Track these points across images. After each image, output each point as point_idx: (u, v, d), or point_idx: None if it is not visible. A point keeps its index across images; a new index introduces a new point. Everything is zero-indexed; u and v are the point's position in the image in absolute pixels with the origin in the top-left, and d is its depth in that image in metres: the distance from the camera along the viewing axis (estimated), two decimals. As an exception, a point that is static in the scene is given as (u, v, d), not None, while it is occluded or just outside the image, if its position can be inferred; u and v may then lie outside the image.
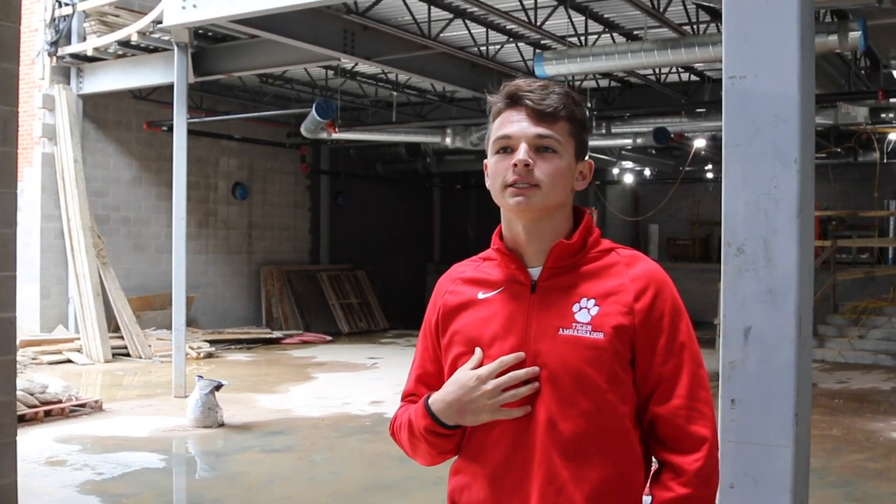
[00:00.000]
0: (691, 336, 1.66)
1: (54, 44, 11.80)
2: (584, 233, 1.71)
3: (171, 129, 10.49)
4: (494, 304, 1.71)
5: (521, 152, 1.63)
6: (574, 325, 1.63)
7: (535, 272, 1.70)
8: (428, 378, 1.81)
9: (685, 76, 12.86)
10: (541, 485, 1.61)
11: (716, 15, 9.34)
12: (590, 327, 1.62)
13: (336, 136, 13.89)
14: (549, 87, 1.68)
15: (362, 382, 10.56)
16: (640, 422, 1.66)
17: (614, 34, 10.63)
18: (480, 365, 1.65)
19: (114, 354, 11.66)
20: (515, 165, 1.63)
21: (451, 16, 9.96)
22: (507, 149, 1.67)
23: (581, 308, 1.64)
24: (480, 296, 1.74)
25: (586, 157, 1.74)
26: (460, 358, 1.71)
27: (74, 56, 11.89)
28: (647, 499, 1.65)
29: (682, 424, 1.60)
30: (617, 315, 1.62)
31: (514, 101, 1.68)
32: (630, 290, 1.64)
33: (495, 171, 1.68)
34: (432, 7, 9.80)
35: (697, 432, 1.60)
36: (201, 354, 12.04)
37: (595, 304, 1.64)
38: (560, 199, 1.68)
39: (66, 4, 11.66)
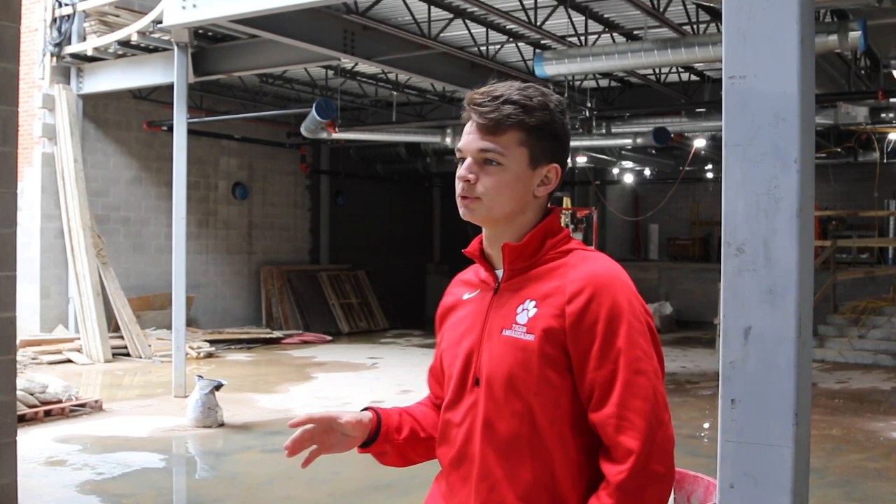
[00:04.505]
0: (633, 342, 1.57)
1: (58, 45, 11.79)
2: (539, 234, 1.70)
3: (171, 129, 10.49)
4: (470, 305, 1.78)
5: (463, 167, 1.69)
6: (514, 326, 1.64)
7: (501, 274, 1.75)
8: (436, 372, 1.91)
9: (685, 76, 12.86)
10: (476, 481, 1.66)
11: (716, 15, 9.34)
12: (525, 329, 1.62)
13: (336, 135, 13.89)
14: (501, 96, 1.66)
15: (362, 382, 10.56)
16: (586, 428, 1.61)
17: (614, 34, 10.63)
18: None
19: (114, 354, 11.66)
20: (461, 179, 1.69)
21: (451, 16, 9.96)
22: (462, 160, 1.71)
23: (523, 310, 1.64)
24: (465, 297, 1.81)
25: (555, 161, 1.70)
26: (444, 353, 1.81)
27: (74, 56, 11.89)
28: None
29: (611, 434, 1.55)
30: (548, 317, 1.60)
31: (468, 111, 1.71)
32: (566, 292, 1.60)
33: (456, 181, 1.74)
34: (432, 7, 9.80)
35: (623, 443, 1.53)
36: (201, 354, 12.04)
37: (535, 306, 1.63)
38: (509, 208, 1.68)
39: (66, 4, 11.66)
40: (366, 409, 1.87)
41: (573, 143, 12.33)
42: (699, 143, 15.86)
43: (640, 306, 1.62)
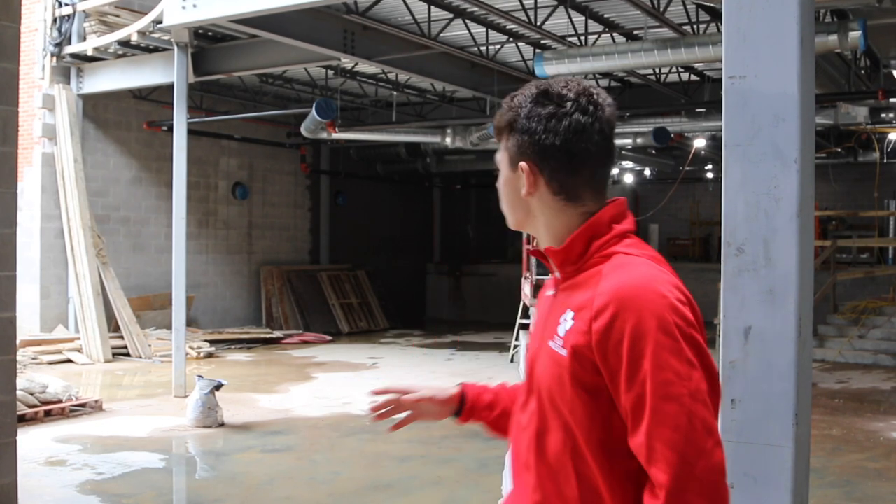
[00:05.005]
0: (661, 364, 1.41)
1: (58, 45, 11.79)
2: (583, 236, 1.58)
3: (171, 129, 10.49)
4: (544, 303, 1.72)
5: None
6: (555, 337, 1.56)
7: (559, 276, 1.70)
8: None
9: (685, 76, 12.86)
10: (531, 491, 1.61)
11: (716, 15, 9.34)
12: (562, 342, 1.53)
13: (336, 135, 13.89)
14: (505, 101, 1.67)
15: (362, 382, 10.56)
16: (629, 451, 1.49)
17: (614, 34, 10.62)
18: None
19: (114, 354, 11.66)
20: None
21: (451, 16, 9.96)
22: None
23: (563, 320, 1.55)
24: (548, 293, 1.75)
25: (524, 158, 1.60)
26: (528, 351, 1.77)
27: (74, 56, 11.89)
28: None
29: (644, 464, 1.44)
30: (578, 333, 1.50)
31: None
32: (594, 306, 1.48)
33: None
34: (432, 7, 9.79)
35: (655, 476, 1.41)
36: (201, 354, 12.04)
37: (572, 318, 1.53)
38: (513, 212, 1.67)
39: (66, 4, 11.66)
40: (459, 384, 1.94)
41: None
42: (699, 143, 15.86)
43: (678, 320, 1.46)
